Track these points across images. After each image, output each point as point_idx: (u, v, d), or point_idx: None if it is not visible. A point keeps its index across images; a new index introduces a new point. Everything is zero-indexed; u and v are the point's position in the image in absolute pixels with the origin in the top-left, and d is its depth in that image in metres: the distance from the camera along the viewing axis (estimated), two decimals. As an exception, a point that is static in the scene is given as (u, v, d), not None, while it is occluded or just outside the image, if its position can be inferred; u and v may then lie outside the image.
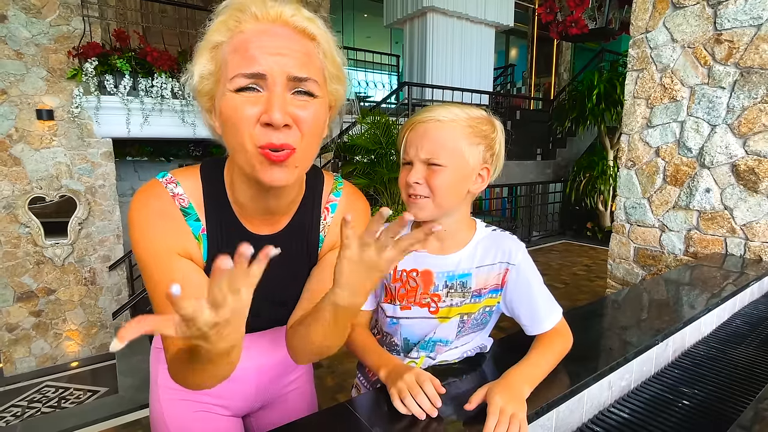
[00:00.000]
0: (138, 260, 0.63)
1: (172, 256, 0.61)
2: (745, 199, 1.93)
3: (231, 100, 0.54)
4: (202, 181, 0.66)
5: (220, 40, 0.57)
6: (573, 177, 6.50)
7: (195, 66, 0.58)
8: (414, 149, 0.75)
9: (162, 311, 0.60)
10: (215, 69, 0.57)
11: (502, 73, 10.02)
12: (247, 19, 0.55)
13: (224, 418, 0.81)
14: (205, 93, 0.59)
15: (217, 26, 0.57)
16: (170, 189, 0.63)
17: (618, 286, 2.49)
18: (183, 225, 0.63)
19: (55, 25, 3.65)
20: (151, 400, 0.82)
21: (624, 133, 2.40)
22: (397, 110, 5.74)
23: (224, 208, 0.66)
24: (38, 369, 3.88)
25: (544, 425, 0.75)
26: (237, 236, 0.66)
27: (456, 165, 0.74)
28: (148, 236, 0.61)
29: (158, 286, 0.61)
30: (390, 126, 4.30)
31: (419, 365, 0.84)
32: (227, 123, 0.56)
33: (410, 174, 0.76)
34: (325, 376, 2.62)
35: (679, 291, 1.47)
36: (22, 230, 3.70)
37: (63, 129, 3.76)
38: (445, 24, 6.14)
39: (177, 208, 0.63)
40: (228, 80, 0.54)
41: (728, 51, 1.93)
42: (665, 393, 0.97)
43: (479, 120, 0.76)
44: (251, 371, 0.80)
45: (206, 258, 0.66)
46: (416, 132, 0.76)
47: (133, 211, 0.62)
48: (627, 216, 2.42)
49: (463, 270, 0.81)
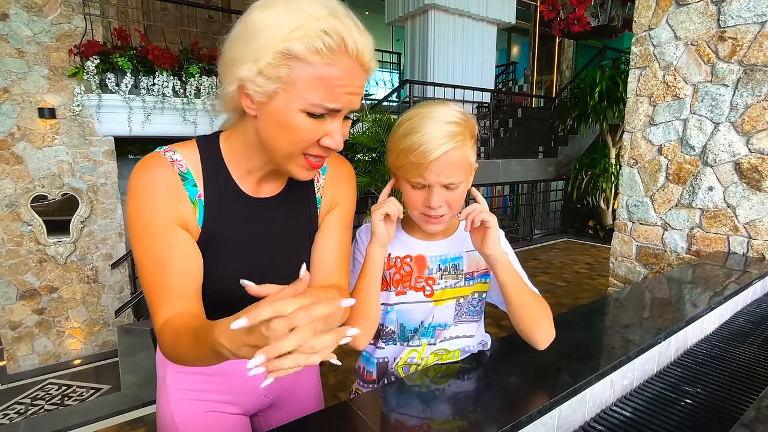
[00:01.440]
0: (133, 228, 0.64)
1: (170, 226, 0.64)
2: (748, 198, 1.92)
3: (301, 119, 0.59)
4: (199, 150, 0.69)
5: (304, 56, 0.56)
6: (575, 175, 6.48)
7: (255, 61, 0.57)
8: (434, 176, 0.74)
9: (150, 279, 0.63)
10: (285, 78, 0.57)
11: (504, 70, 9.99)
12: (342, 53, 0.57)
13: (233, 417, 0.81)
14: (252, 81, 0.58)
15: (301, 38, 0.55)
16: (169, 156, 0.66)
17: (620, 284, 2.49)
18: (181, 191, 0.65)
19: (56, 24, 3.65)
20: (159, 400, 0.82)
21: (626, 131, 2.39)
22: (398, 108, 5.74)
23: (222, 174, 0.69)
24: (41, 366, 3.90)
25: (547, 424, 0.75)
26: (236, 199, 0.70)
27: (467, 175, 0.79)
28: (148, 206, 0.63)
29: (152, 254, 0.63)
30: (392, 124, 4.29)
31: (421, 354, 0.86)
32: (284, 132, 0.60)
33: (432, 199, 0.76)
34: (327, 374, 2.62)
35: (681, 289, 1.47)
36: (24, 228, 3.71)
37: (65, 127, 3.76)
38: (446, 21, 6.12)
39: (176, 173, 0.65)
40: (304, 101, 0.58)
41: (732, 48, 1.91)
42: (668, 392, 0.97)
43: (471, 122, 0.79)
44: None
45: (201, 223, 0.68)
46: (441, 163, 0.74)
47: (135, 181, 0.64)
48: (629, 214, 2.41)
49: (455, 254, 0.86)
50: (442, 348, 0.86)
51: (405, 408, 0.73)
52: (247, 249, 0.71)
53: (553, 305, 3.41)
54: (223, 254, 0.69)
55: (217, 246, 0.69)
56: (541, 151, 6.91)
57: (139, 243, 0.64)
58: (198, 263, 0.66)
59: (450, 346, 0.87)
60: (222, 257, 0.69)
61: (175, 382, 0.79)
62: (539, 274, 4.62)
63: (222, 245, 0.69)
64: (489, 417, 0.69)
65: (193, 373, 0.78)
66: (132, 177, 0.64)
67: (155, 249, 0.63)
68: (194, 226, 0.67)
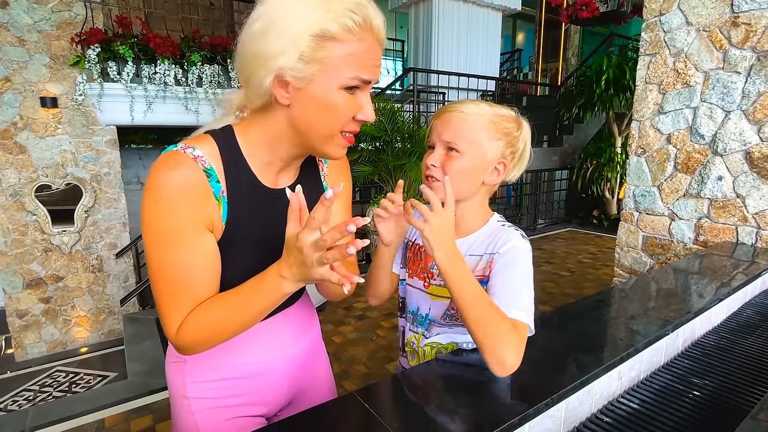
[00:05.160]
0: (154, 233, 0.62)
1: (196, 231, 0.63)
2: (758, 187, 1.90)
3: (340, 97, 0.63)
4: (217, 144, 0.67)
5: (339, 35, 0.59)
6: (580, 164, 6.42)
7: (294, 48, 0.59)
8: (437, 133, 0.81)
9: (169, 285, 0.63)
10: (324, 59, 0.60)
11: (509, 58, 9.85)
12: (367, 29, 0.62)
13: (256, 422, 0.80)
14: (292, 69, 0.60)
15: (335, 18, 0.59)
16: (190, 153, 0.64)
17: (625, 274, 2.48)
18: (207, 189, 0.64)
19: (56, 11, 3.61)
20: (180, 414, 0.78)
21: (635, 120, 2.35)
22: (402, 96, 5.68)
23: (243, 168, 0.69)
24: (49, 354, 3.95)
25: (554, 416, 0.74)
26: (257, 192, 0.71)
27: (473, 154, 0.78)
28: (173, 210, 0.61)
29: (173, 260, 0.62)
30: (395, 113, 4.24)
31: (419, 342, 0.88)
32: (325, 113, 0.63)
33: (430, 156, 0.81)
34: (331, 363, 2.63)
35: (688, 280, 1.46)
36: (29, 218, 3.73)
37: (67, 116, 3.75)
38: (451, 8, 6.02)
39: (200, 170, 0.64)
40: (342, 77, 0.61)
41: (745, 34, 1.87)
42: (675, 384, 0.96)
43: (504, 117, 0.80)
44: (282, 360, 0.81)
45: (225, 219, 0.67)
46: (441, 119, 0.81)
47: (157, 183, 0.61)
48: (636, 204, 2.38)
49: None
50: (435, 341, 0.86)
51: (411, 399, 0.73)
52: (267, 239, 0.71)
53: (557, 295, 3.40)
54: (245, 246, 0.69)
55: (238, 239, 0.68)
56: (546, 140, 6.84)
57: (160, 248, 0.62)
58: (219, 267, 0.67)
59: (443, 340, 0.86)
60: (243, 248, 0.69)
61: (197, 392, 0.76)
62: (543, 264, 4.61)
63: (244, 237, 0.69)
64: (496, 409, 0.69)
65: (217, 380, 0.76)
66: (153, 178, 0.61)
67: (179, 255, 0.62)
68: (219, 223, 0.67)
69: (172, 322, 0.63)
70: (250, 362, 0.77)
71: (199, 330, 0.63)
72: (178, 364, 0.77)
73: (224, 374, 0.76)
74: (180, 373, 0.77)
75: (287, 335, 0.82)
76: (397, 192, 0.80)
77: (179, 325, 0.63)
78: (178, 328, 0.63)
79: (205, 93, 4.04)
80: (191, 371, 0.76)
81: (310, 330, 0.89)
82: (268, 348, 0.79)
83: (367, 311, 3.37)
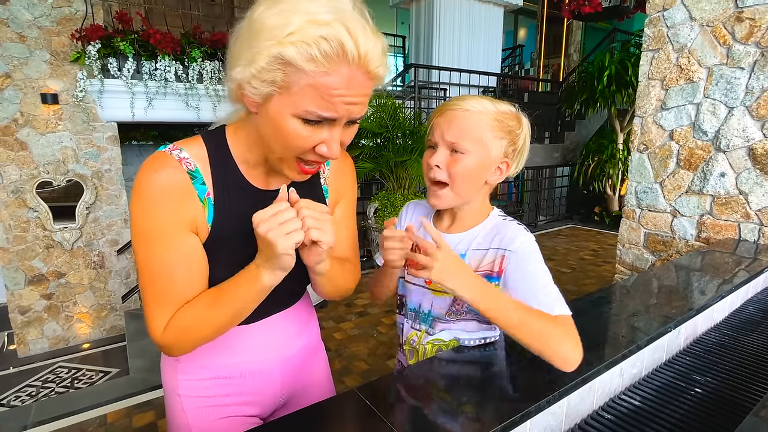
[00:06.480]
0: (138, 231, 0.62)
1: (178, 231, 0.63)
2: (761, 184, 1.89)
3: (294, 125, 0.57)
4: (206, 146, 0.67)
5: (298, 63, 0.53)
6: (581, 161, 6.40)
7: (250, 63, 0.55)
8: (440, 132, 0.78)
9: (153, 284, 0.63)
10: (280, 82, 0.55)
11: (510, 54, 9.79)
12: (342, 60, 0.53)
13: (249, 422, 0.80)
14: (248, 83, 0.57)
15: (296, 42, 0.52)
16: (176, 155, 0.64)
17: (627, 271, 2.47)
18: (191, 191, 0.64)
19: (56, 7, 3.59)
20: (173, 412, 0.78)
21: (637, 116, 2.34)
22: (403, 93, 5.66)
23: (230, 169, 0.68)
24: (51, 350, 3.96)
25: (555, 413, 0.74)
26: (246, 193, 0.69)
27: (478, 154, 0.77)
28: (155, 210, 0.62)
29: (157, 259, 0.62)
30: (396, 109, 4.23)
31: (420, 340, 0.87)
32: (278, 135, 0.59)
33: (433, 156, 0.78)
34: (332, 359, 2.64)
35: (690, 277, 1.45)
36: (30, 215, 3.73)
37: (68, 113, 3.74)
38: (452, 3, 5.98)
39: (185, 171, 0.64)
40: (297, 107, 0.56)
41: (749, 29, 1.85)
42: (677, 380, 0.96)
43: (507, 115, 0.78)
44: (276, 361, 0.80)
45: (211, 221, 0.67)
46: (444, 117, 0.78)
47: (141, 182, 0.62)
48: (638, 201, 2.38)
49: (461, 250, 0.83)
50: (438, 338, 0.86)
51: (412, 396, 0.73)
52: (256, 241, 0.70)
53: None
54: (234, 246, 0.68)
55: (225, 242, 0.68)
56: (548, 137, 6.82)
57: (143, 246, 0.62)
58: (205, 269, 0.66)
59: (446, 336, 0.85)
60: (232, 249, 0.68)
61: (190, 391, 0.76)
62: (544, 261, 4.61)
63: (230, 240, 0.68)
64: (498, 406, 0.69)
65: (208, 379, 0.76)
66: (138, 178, 0.62)
67: (161, 254, 0.62)
68: (203, 225, 0.66)
69: (156, 321, 0.63)
70: (242, 361, 0.77)
71: (181, 327, 0.63)
72: (171, 361, 0.78)
73: (216, 373, 0.76)
74: (173, 370, 0.77)
75: (282, 336, 0.81)
76: (389, 227, 0.79)
77: (164, 325, 0.63)
78: (163, 329, 0.63)
79: (206, 89, 4.03)
80: (183, 369, 0.76)
81: (307, 331, 0.88)
82: (261, 348, 0.79)
83: (368, 308, 3.37)
